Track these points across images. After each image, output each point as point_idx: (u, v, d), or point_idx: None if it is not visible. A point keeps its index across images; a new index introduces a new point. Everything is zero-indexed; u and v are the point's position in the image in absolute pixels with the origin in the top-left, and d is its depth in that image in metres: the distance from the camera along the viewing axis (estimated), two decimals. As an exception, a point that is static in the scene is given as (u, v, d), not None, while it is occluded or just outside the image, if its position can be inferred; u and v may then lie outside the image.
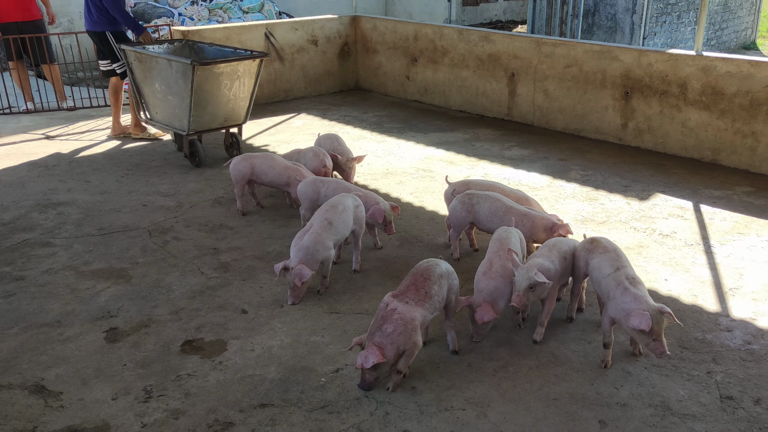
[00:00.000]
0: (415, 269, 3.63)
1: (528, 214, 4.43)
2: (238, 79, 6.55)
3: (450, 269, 3.68)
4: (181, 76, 6.28)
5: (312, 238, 4.20)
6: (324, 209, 4.44)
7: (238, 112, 6.78)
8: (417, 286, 3.50)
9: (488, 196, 4.54)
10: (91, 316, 4.07)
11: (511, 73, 8.22)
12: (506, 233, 4.06)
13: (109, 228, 5.30)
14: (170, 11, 11.34)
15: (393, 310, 3.36)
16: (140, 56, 6.71)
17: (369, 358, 3.23)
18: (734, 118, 6.52)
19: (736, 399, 3.36)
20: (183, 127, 6.54)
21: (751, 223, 5.34)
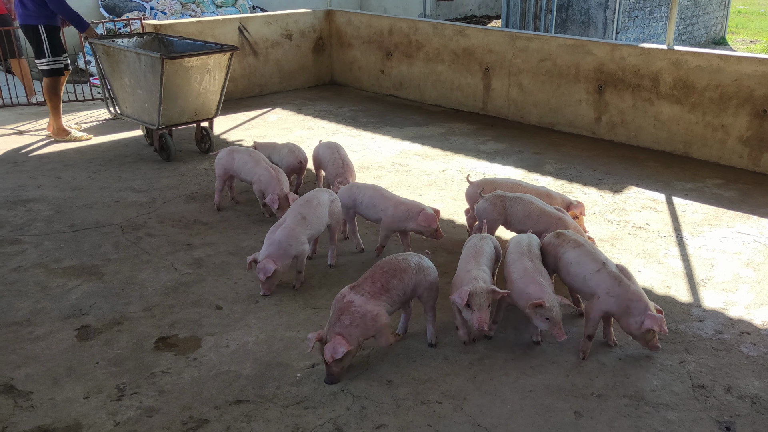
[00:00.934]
0: (379, 262, 3.64)
1: (561, 218, 4.28)
2: (208, 72, 6.51)
3: (423, 265, 3.64)
4: (150, 69, 6.20)
5: (285, 233, 4.18)
6: (298, 203, 4.42)
7: (209, 106, 6.73)
8: (374, 279, 3.50)
9: (521, 199, 4.41)
10: (62, 314, 4.00)
11: (485, 68, 8.24)
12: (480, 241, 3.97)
13: (80, 224, 5.22)
14: (142, 5, 11.18)
15: (350, 303, 3.38)
16: (108, 50, 6.62)
17: (338, 348, 3.24)
18: (705, 111, 6.60)
19: (708, 388, 3.40)
20: (153, 121, 6.47)
21: (721, 215, 5.42)
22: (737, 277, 4.48)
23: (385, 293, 3.46)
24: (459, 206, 5.56)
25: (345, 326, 3.31)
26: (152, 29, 8.18)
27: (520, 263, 3.69)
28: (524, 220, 4.37)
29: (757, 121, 6.29)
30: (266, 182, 5.03)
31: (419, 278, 3.60)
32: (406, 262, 3.59)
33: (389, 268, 3.55)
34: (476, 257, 3.77)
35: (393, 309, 3.54)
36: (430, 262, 3.72)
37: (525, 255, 3.75)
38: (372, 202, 4.53)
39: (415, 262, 3.62)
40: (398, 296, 3.52)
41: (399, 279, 3.52)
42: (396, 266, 3.56)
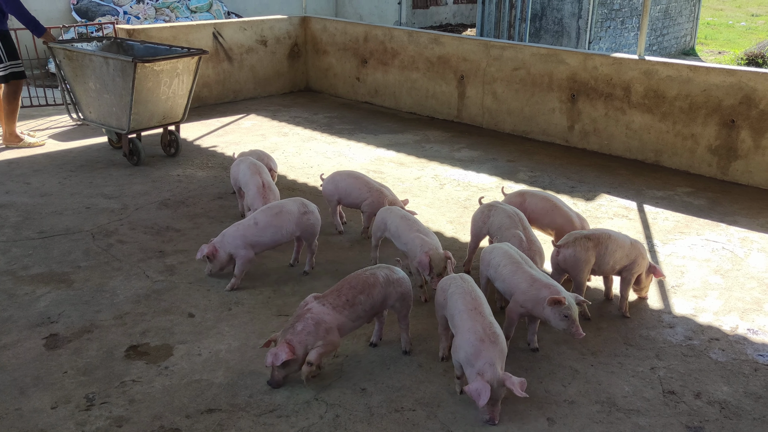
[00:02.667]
0: (348, 276, 3.62)
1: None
2: (177, 76, 6.50)
3: (392, 278, 3.60)
4: (119, 73, 6.16)
5: (231, 230, 4.33)
6: (260, 209, 4.48)
7: (177, 109, 6.73)
8: (340, 292, 3.49)
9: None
10: (30, 323, 3.93)
11: (460, 76, 8.29)
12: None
13: (50, 231, 5.13)
14: (115, 9, 11.07)
15: (308, 310, 3.39)
16: (71, 54, 6.54)
17: (279, 355, 3.25)
18: (675, 120, 6.71)
19: (678, 393, 3.44)
20: (121, 126, 6.42)
21: (691, 223, 5.51)
22: (706, 284, 4.54)
23: (349, 308, 3.45)
24: (433, 213, 5.57)
25: (296, 333, 3.31)
26: (125, 34, 8.10)
27: (522, 272, 3.65)
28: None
29: (725, 130, 6.41)
30: (252, 196, 4.92)
31: (389, 291, 3.58)
32: (374, 278, 3.57)
33: (357, 283, 3.54)
34: (478, 309, 3.32)
35: (357, 324, 3.52)
36: (401, 272, 3.70)
37: (521, 263, 3.72)
38: (398, 233, 4.32)
39: (384, 276, 3.59)
40: (364, 311, 3.50)
41: (367, 294, 3.51)
42: (364, 282, 3.54)
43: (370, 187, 4.99)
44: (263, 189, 4.89)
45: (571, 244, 3.99)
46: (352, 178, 5.09)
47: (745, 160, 6.34)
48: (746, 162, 6.34)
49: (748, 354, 3.78)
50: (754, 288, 4.49)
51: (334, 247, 5.01)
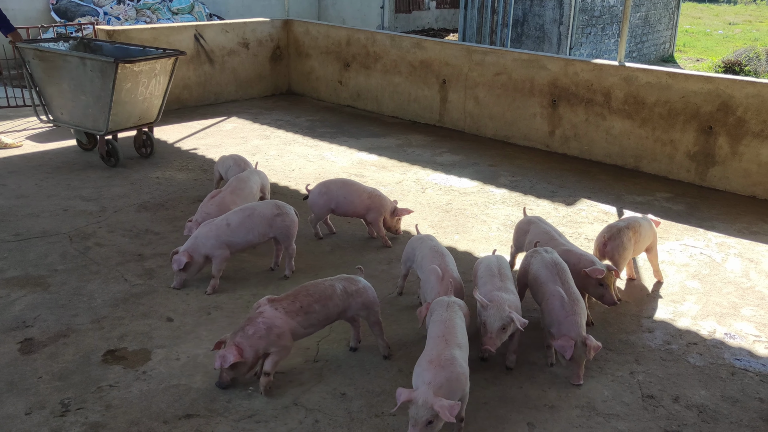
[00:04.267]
0: (308, 282, 3.61)
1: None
2: (155, 77, 6.51)
3: (355, 290, 3.58)
4: (99, 74, 6.11)
5: (203, 231, 4.30)
6: (234, 210, 4.48)
7: (152, 110, 6.73)
8: (295, 297, 3.47)
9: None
10: (4, 327, 3.86)
11: (442, 80, 8.31)
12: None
13: (26, 234, 5.05)
14: (95, 10, 10.96)
15: (260, 313, 3.36)
16: (43, 54, 6.44)
17: (227, 357, 3.23)
18: (654, 126, 6.78)
19: (657, 398, 3.46)
20: (98, 127, 6.38)
21: (670, 228, 5.55)
22: (685, 288, 4.58)
23: (303, 314, 3.42)
24: (415, 217, 5.56)
25: (247, 336, 3.28)
26: (105, 35, 8.02)
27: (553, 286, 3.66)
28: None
29: (703, 137, 6.48)
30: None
31: (348, 302, 3.57)
32: (332, 289, 3.55)
33: (314, 291, 3.52)
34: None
35: (308, 332, 3.49)
36: (363, 281, 3.67)
37: (554, 279, 3.70)
38: (423, 264, 3.99)
39: (342, 288, 3.57)
40: (318, 320, 3.48)
41: (322, 305, 3.49)
42: (321, 292, 3.52)
43: (369, 194, 4.95)
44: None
45: (617, 236, 4.32)
46: (348, 186, 5.00)
47: (723, 166, 6.42)
48: (723, 168, 6.41)
49: (726, 358, 3.82)
50: (731, 293, 4.54)
51: (315, 251, 4.99)
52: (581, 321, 3.48)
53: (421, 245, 4.10)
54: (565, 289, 3.63)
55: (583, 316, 3.51)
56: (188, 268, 4.26)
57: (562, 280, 3.68)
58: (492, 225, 5.50)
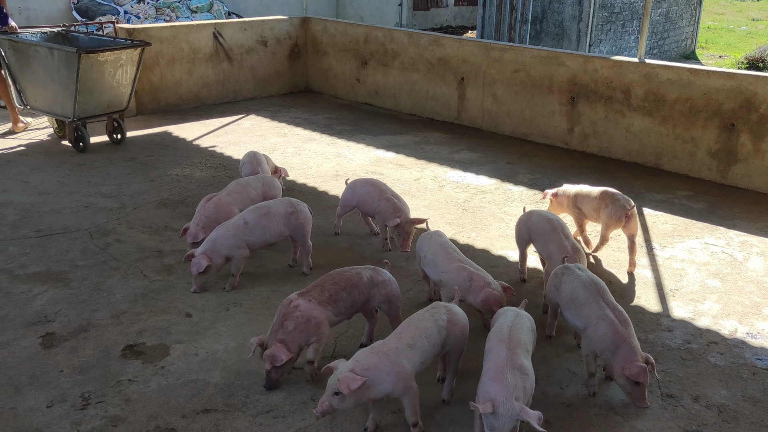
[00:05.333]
0: (333, 271, 3.63)
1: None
2: (121, 66, 6.83)
3: (377, 280, 3.58)
4: (64, 64, 6.42)
5: (221, 232, 4.28)
6: (248, 209, 4.47)
7: (121, 98, 7.09)
8: (323, 287, 3.50)
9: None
10: (26, 321, 3.91)
11: (460, 77, 8.28)
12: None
13: (47, 230, 5.12)
14: (116, 9, 11.07)
15: (295, 308, 3.37)
16: (16, 45, 6.79)
17: (278, 356, 3.23)
18: (675, 124, 6.70)
19: (676, 397, 3.43)
20: (67, 114, 6.71)
21: (690, 226, 5.49)
22: (705, 287, 4.53)
23: (332, 303, 3.46)
24: (432, 215, 5.55)
25: (288, 332, 3.30)
26: (125, 33, 8.10)
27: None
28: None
29: (725, 134, 6.40)
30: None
31: (372, 293, 3.58)
32: (358, 277, 3.56)
33: (340, 279, 3.54)
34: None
35: (339, 320, 3.53)
36: (388, 274, 3.68)
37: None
38: (434, 260, 3.96)
39: (368, 277, 3.58)
40: (345, 308, 3.51)
41: (348, 292, 3.51)
42: (347, 279, 3.54)
43: (382, 196, 4.91)
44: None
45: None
46: (370, 185, 5.02)
47: (745, 164, 6.33)
48: (746, 166, 6.33)
49: (747, 358, 3.77)
50: (753, 292, 4.48)
51: (333, 247, 5.00)
52: (636, 341, 3.25)
53: (430, 242, 4.07)
54: (612, 309, 3.30)
55: (635, 335, 3.28)
56: (208, 271, 4.22)
57: (605, 300, 3.35)
58: (510, 223, 5.47)
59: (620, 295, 4.38)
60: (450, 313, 3.25)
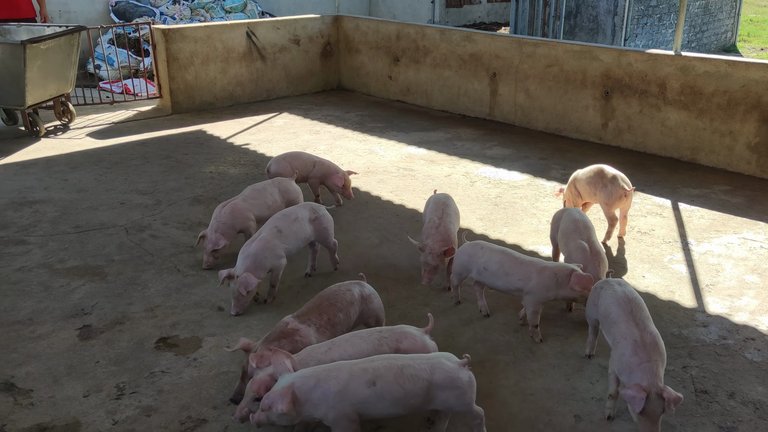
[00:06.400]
0: (324, 292, 3.49)
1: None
2: (62, 51, 7.38)
3: (365, 293, 3.49)
4: (10, 56, 6.88)
5: (260, 245, 4.03)
6: (275, 217, 4.30)
7: (66, 81, 7.63)
8: (321, 310, 3.35)
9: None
10: (65, 314, 4.02)
11: (492, 73, 8.23)
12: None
13: (85, 226, 5.24)
14: (152, 10, 11.25)
15: (295, 330, 3.23)
16: None
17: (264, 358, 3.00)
18: (712, 117, 6.56)
19: (711, 393, 3.37)
20: (19, 103, 7.17)
21: (728, 221, 5.38)
22: (743, 283, 4.43)
23: (331, 328, 3.32)
24: (464, 210, 5.53)
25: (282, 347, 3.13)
26: (161, 34, 8.24)
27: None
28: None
29: (765, 127, 6.24)
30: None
31: (362, 308, 3.48)
32: (351, 294, 3.44)
33: (336, 300, 3.40)
34: None
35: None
36: (369, 287, 3.57)
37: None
38: (504, 270, 3.80)
39: (359, 293, 3.48)
40: (340, 331, 3.35)
41: (345, 313, 3.38)
42: (341, 299, 3.41)
43: (315, 163, 5.48)
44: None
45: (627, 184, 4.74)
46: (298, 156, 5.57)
47: (786, 158, 6.18)
48: (786, 159, 6.17)
49: (785, 354, 3.68)
50: (792, 287, 4.37)
51: (363, 243, 5.02)
52: (658, 369, 2.91)
53: (484, 255, 3.86)
54: (641, 329, 3.06)
55: (661, 364, 2.95)
56: (253, 289, 3.99)
57: (636, 319, 3.11)
58: (542, 218, 5.43)
59: (654, 291, 4.32)
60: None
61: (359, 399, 2.74)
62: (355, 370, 2.78)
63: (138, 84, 9.55)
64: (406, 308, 4.13)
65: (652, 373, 2.88)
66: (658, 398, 2.82)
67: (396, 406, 2.80)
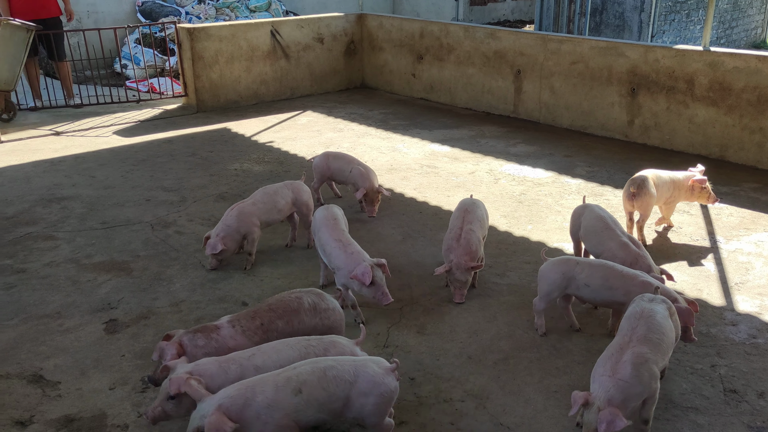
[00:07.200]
0: (276, 296, 3.39)
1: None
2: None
3: (321, 307, 3.29)
4: None
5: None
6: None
7: (7, 77, 7.75)
8: (255, 314, 3.24)
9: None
10: (92, 308, 4.07)
11: (516, 70, 8.18)
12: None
13: (112, 222, 5.30)
14: (177, 10, 11.36)
15: (216, 328, 3.17)
16: None
17: (167, 351, 3.04)
18: (742, 114, 6.45)
19: (740, 392, 3.31)
20: None
21: (758, 219, 5.28)
22: (773, 281, 4.35)
23: (262, 333, 3.17)
24: (488, 207, 5.48)
25: (195, 344, 3.07)
26: (186, 33, 8.31)
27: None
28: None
29: (796, 123, 6.12)
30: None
31: (315, 322, 3.26)
32: (298, 303, 3.26)
33: (277, 306, 3.26)
34: None
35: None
36: (334, 302, 3.37)
37: None
38: (608, 285, 3.54)
39: (311, 303, 3.28)
40: (275, 338, 3.15)
41: (286, 321, 3.22)
42: (285, 306, 3.26)
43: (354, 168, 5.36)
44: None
45: (643, 185, 4.68)
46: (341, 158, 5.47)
47: (818, 155, 6.05)
48: (819, 156, 6.05)
49: (817, 354, 3.60)
50: (824, 286, 4.28)
51: (386, 240, 5.01)
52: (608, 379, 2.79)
53: (582, 270, 3.62)
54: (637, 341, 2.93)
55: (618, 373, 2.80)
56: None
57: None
58: (567, 215, 5.36)
59: (682, 289, 4.25)
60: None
61: (290, 409, 2.65)
62: (280, 380, 2.69)
63: (164, 83, 9.65)
64: (429, 304, 4.11)
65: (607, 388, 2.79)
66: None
67: (322, 411, 2.71)
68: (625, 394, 2.74)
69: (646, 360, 2.83)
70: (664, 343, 2.95)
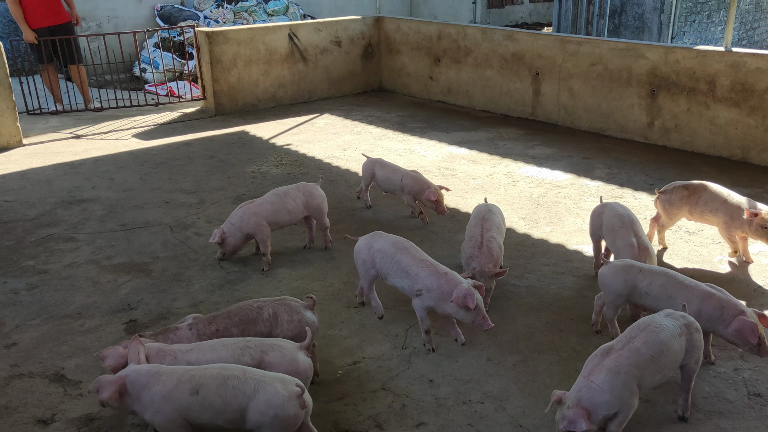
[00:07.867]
0: (237, 303, 3.40)
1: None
2: None
3: (288, 320, 3.25)
4: None
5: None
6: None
7: None
8: (213, 319, 3.25)
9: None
10: (112, 309, 4.10)
11: (535, 72, 8.14)
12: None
13: (131, 224, 5.34)
14: (196, 14, 11.45)
15: (176, 329, 3.21)
16: None
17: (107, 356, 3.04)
18: (765, 115, 6.37)
19: (764, 396, 3.25)
20: None
21: (781, 221, 5.20)
22: (797, 284, 4.28)
23: (216, 336, 3.17)
24: (506, 210, 5.46)
25: (151, 345, 3.02)
26: (205, 37, 8.37)
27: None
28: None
29: (820, 124, 6.03)
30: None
31: (276, 333, 3.23)
32: (257, 313, 3.24)
33: (235, 314, 3.26)
34: None
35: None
36: (303, 313, 3.29)
37: None
38: (667, 293, 3.43)
39: (271, 314, 3.25)
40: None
41: (242, 330, 3.21)
42: (244, 315, 3.26)
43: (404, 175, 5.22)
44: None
45: (670, 191, 4.54)
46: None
47: (843, 156, 5.95)
48: (843, 158, 5.95)
49: (844, 358, 3.53)
50: None
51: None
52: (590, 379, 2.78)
53: (645, 278, 3.50)
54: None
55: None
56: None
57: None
58: (586, 218, 5.31)
59: (703, 291, 4.19)
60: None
61: (183, 406, 2.66)
62: (184, 376, 2.70)
63: (182, 86, 9.73)
64: (447, 306, 4.09)
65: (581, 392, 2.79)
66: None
67: (218, 417, 2.69)
68: (593, 398, 2.70)
69: (625, 372, 2.75)
70: (660, 362, 2.84)
